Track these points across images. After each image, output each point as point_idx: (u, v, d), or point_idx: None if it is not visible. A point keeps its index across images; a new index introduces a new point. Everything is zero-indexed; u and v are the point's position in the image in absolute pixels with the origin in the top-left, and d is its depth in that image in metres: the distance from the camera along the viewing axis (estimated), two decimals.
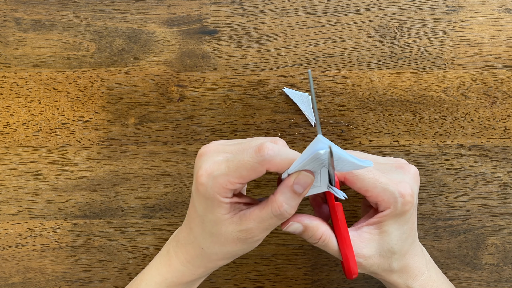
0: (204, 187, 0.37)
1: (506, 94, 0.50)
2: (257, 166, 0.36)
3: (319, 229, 0.40)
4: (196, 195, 0.38)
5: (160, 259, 0.43)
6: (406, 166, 0.42)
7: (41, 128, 0.50)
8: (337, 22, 0.50)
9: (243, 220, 0.38)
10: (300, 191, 0.37)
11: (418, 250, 0.43)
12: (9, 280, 0.50)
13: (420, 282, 0.42)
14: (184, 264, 0.42)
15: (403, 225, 0.40)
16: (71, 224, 0.50)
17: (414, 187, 0.41)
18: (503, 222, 0.50)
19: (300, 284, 0.51)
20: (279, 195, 0.37)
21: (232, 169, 0.36)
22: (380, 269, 0.41)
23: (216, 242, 0.39)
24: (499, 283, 0.50)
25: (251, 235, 0.39)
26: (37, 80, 0.50)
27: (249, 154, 0.36)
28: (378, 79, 0.50)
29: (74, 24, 0.50)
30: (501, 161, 0.50)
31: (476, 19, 0.50)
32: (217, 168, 0.37)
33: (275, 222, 0.38)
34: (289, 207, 0.38)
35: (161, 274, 0.43)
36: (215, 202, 0.37)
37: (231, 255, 0.41)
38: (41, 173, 0.50)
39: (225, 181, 0.36)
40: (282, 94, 0.50)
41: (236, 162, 0.37)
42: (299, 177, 0.37)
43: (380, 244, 0.40)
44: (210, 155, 0.39)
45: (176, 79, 0.50)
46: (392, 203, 0.39)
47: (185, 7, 0.50)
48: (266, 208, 0.38)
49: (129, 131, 0.50)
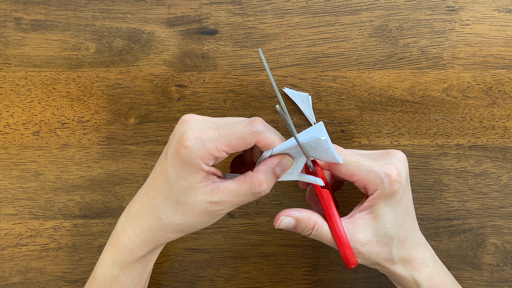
0: (188, 150, 0.36)
1: (506, 94, 0.50)
2: (248, 136, 0.37)
3: (310, 219, 0.40)
4: (173, 158, 0.37)
5: (110, 240, 0.42)
6: (392, 152, 0.42)
7: (41, 128, 0.50)
8: (337, 22, 0.50)
9: (216, 192, 0.38)
10: (279, 173, 0.38)
11: (421, 240, 0.43)
12: (9, 280, 0.50)
13: (426, 275, 0.41)
14: (132, 240, 0.40)
15: (395, 208, 0.40)
16: (71, 224, 0.50)
17: (401, 169, 0.41)
18: (503, 222, 0.50)
19: (300, 284, 0.51)
20: (261, 174, 0.38)
21: (222, 136, 0.36)
22: (381, 258, 0.41)
23: (180, 211, 0.38)
24: (499, 283, 0.50)
25: (220, 208, 0.38)
26: (37, 80, 0.50)
27: (242, 124, 0.37)
28: (378, 79, 0.50)
29: (74, 24, 0.50)
30: (501, 161, 0.50)
31: (476, 19, 0.50)
32: (206, 133, 0.37)
33: (248, 199, 0.38)
34: (268, 186, 0.38)
35: (111, 255, 0.41)
36: (194, 168, 0.37)
37: (189, 227, 0.39)
38: (41, 173, 0.50)
39: (212, 146, 0.36)
40: (282, 94, 0.50)
41: (227, 130, 0.37)
42: (283, 160, 0.38)
43: (375, 229, 0.40)
44: (196, 122, 0.38)
45: (176, 79, 0.50)
46: (379, 184, 0.39)
47: (185, 7, 0.50)
48: (244, 184, 0.38)
49: (129, 131, 0.50)
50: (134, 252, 0.40)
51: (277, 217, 0.40)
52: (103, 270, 0.41)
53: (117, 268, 0.41)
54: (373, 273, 0.50)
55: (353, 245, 0.40)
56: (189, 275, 0.51)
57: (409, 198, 0.42)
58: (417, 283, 0.41)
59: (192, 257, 0.51)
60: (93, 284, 0.42)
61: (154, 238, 0.40)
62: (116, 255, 0.41)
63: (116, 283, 0.41)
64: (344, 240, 0.40)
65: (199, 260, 0.51)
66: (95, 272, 0.42)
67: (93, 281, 0.42)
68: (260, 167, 0.38)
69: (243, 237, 0.51)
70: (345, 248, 0.40)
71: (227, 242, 0.51)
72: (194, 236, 0.50)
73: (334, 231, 0.40)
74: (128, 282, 0.41)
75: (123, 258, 0.40)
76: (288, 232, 0.51)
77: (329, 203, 0.40)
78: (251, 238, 0.51)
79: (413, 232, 0.42)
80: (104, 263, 0.41)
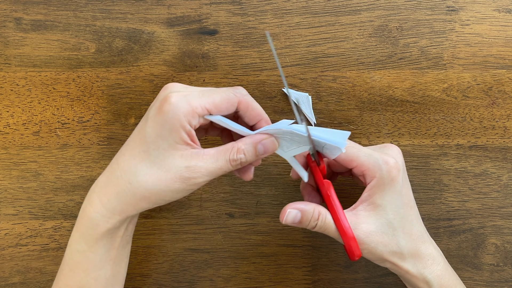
0: (172, 106, 0.36)
1: (506, 94, 0.50)
2: (231, 96, 0.37)
3: (315, 210, 0.40)
4: (154, 117, 0.36)
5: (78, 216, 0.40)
6: (388, 145, 0.43)
7: (41, 128, 0.50)
8: (337, 22, 0.50)
9: (194, 157, 0.37)
10: (260, 152, 0.38)
11: (428, 238, 0.42)
12: (9, 280, 0.50)
13: (437, 273, 0.41)
14: (97, 210, 0.38)
15: (396, 198, 0.40)
16: (71, 224, 0.50)
17: (398, 158, 0.41)
18: (503, 222, 0.50)
19: (300, 284, 0.51)
20: (242, 144, 0.38)
21: (206, 95, 0.37)
22: (389, 251, 0.40)
23: (153, 175, 0.36)
24: (499, 283, 0.50)
25: (196, 175, 0.37)
26: (37, 80, 0.50)
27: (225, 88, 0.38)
28: (378, 79, 0.50)
29: (74, 24, 0.50)
30: (501, 161, 0.50)
31: (476, 19, 0.50)
32: (190, 92, 0.37)
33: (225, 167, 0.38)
34: (245, 158, 0.38)
35: (78, 230, 0.39)
36: (175, 126, 0.36)
37: (159, 196, 0.37)
38: (41, 173, 0.50)
39: (196, 103, 0.36)
40: (282, 94, 0.50)
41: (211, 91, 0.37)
42: (267, 141, 0.38)
43: (378, 219, 0.40)
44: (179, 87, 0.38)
45: (176, 79, 0.50)
46: (377, 171, 0.40)
47: (185, 7, 0.50)
48: (223, 151, 0.38)
49: (129, 131, 0.50)
50: (99, 225, 0.38)
51: (283, 211, 0.40)
52: (70, 247, 0.40)
53: (84, 244, 0.39)
54: (373, 273, 0.50)
55: (357, 235, 0.39)
56: (189, 275, 0.51)
57: (409, 192, 0.42)
58: (427, 282, 0.41)
59: (192, 257, 0.51)
60: (63, 263, 0.41)
61: (120, 207, 0.38)
62: (82, 228, 0.39)
63: (84, 261, 0.40)
64: (348, 230, 0.39)
65: (199, 260, 0.51)
66: (66, 250, 0.41)
67: (63, 260, 0.41)
68: (243, 139, 0.38)
69: (243, 237, 0.51)
70: (349, 239, 0.39)
71: (227, 242, 0.51)
72: (194, 236, 0.51)
73: (338, 222, 0.40)
74: (96, 259, 0.40)
75: (89, 232, 0.39)
76: (288, 232, 0.51)
77: (331, 194, 0.40)
78: (251, 238, 0.51)
79: (419, 227, 0.42)
80: (72, 239, 0.40)
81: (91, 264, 0.40)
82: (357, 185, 0.50)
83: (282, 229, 0.51)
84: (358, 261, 0.50)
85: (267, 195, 0.50)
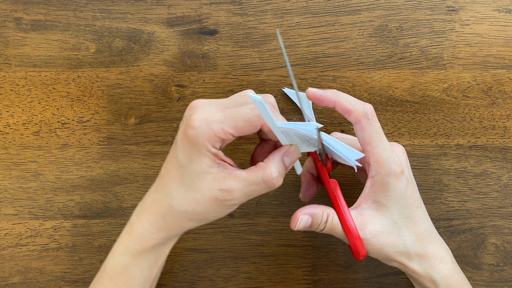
0: (195, 131, 0.36)
1: (506, 94, 0.50)
2: (255, 120, 0.37)
3: (324, 212, 0.40)
4: (182, 142, 0.37)
5: (124, 229, 0.41)
6: (393, 144, 0.43)
7: (41, 128, 0.50)
8: (337, 22, 0.50)
9: (227, 179, 0.37)
10: (287, 163, 0.39)
11: (437, 237, 0.42)
12: (9, 280, 0.50)
13: (444, 273, 0.41)
14: (145, 227, 0.40)
15: (400, 199, 0.40)
16: (71, 224, 0.50)
17: (402, 158, 0.41)
18: (503, 222, 0.50)
19: (300, 284, 0.51)
20: (272, 163, 0.38)
21: (228, 118, 0.36)
22: (396, 252, 0.40)
23: (191, 198, 0.38)
24: (499, 283, 0.50)
25: (230, 197, 0.37)
26: (37, 80, 0.50)
27: (249, 107, 0.37)
28: (378, 79, 0.50)
29: (74, 24, 0.50)
30: (501, 161, 0.50)
31: (476, 19, 0.50)
32: (213, 115, 0.37)
33: (260, 189, 0.38)
34: (279, 175, 0.38)
35: (123, 243, 0.41)
36: (202, 150, 0.36)
37: (200, 217, 0.39)
38: (41, 173, 0.50)
39: (218, 128, 0.36)
40: (282, 94, 0.50)
41: (234, 112, 0.37)
42: (290, 150, 0.39)
43: (383, 219, 0.40)
44: (204, 105, 0.38)
45: (176, 79, 0.50)
46: (385, 168, 0.39)
47: (185, 7, 0.50)
48: (256, 172, 0.38)
49: (129, 131, 0.50)
50: (147, 240, 0.40)
51: (295, 218, 0.40)
52: (114, 259, 0.41)
53: (128, 256, 0.40)
54: (373, 273, 0.50)
55: (363, 236, 0.39)
56: (189, 275, 0.51)
57: (415, 192, 0.42)
58: (434, 282, 0.41)
59: (192, 257, 0.51)
60: (103, 273, 0.42)
61: (167, 226, 0.39)
62: (129, 242, 0.40)
63: (126, 273, 0.41)
64: (353, 230, 0.39)
65: (199, 260, 0.51)
66: (106, 261, 0.42)
67: (104, 270, 0.42)
68: (270, 156, 0.39)
69: (243, 237, 0.51)
70: (354, 239, 0.39)
71: (227, 242, 0.51)
72: (194, 236, 0.50)
73: (344, 222, 0.40)
74: (138, 274, 0.41)
75: (135, 246, 0.40)
76: (288, 232, 0.51)
77: (337, 193, 0.41)
78: (251, 238, 0.51)
79: (426, 226, 0.42)
80: (115, 252, 0.41)
81: (132, 277, 0.41)
82: (358, 185, 0.50)
83: (282, 229, 0.51)
84: (358, 261, 0.50)
85: (267, 195, 0.50)
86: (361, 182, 0.46)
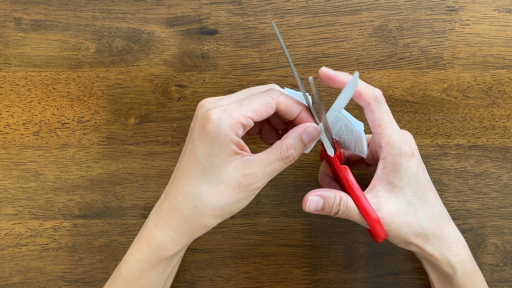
0: (215, 123, 0.37)
1: (506, 94, 0.50)
2: (270, 100, 0.38)
3: (337, 195, 0.40)
4: (200, 138, 0.38)
5: (139, 236, 0.41)
6: (403, 130, 0.43)
7: (41, 128, 0.50)
8: (337, 22, 0.50)
9: (247, 165, 0.38)
10: (306, 141, 0.39)
11: (451, 221, 0.42)
12: (9, 280, 0.50)
13: (461, 256, 0.41)
14: (166, 234, 0.39)
15: (412, 180, 0.40)
16: (71, 224, 0.50)
17: (412, 143, 0.42)
18: (503, 222, 0.50)
19: (300, 284, 0.51)
20: (289, 139, 0.39)
21: (245, 104, 0.37)
22: (413, 233, 0.40)
23: (215, 192, 0.38)
24: (499, 283, 0.50)
25: (254, 180, 0.38)
26: (37, 80, 0.50)
27: (259, 92, 0.39)
28: (378, 79, 0.50)
29: (74, 24, 0.50)
30: (501, 161, 0.50)
31: (476, 19, 0.50)
32: (229, 106, 0.37)
33: (279, 166, 0.39)
34: (295, 152, 0.39)
35: (142, 251, 0.40)
36: (224, 141, 0.37)
37: (226, 210, 0.39)
38: (41, 173, 0.50)
39: (238, 114, 0.37)
40: None
41: (248, 99, 0.38)
42: (310, 128, 0.39)
43: (398, 200, 0.40)
44: (215, 101, 0.39)
45: (176, 79, 0.50)
46: (397, 148, 0.40)
47: (185, 7, 0.50)
48: (273, 151, 0.38)
49: (129, 131, 0.50)
50: (168, 248, 0.40)
51: (305, 199, 0.40)
52: (131, 265, 0.41)
53: (146, 263, 0.40)
54: (373, 273, 0.50)
55: (380, 218, 0.39)
56: (189, 275, 0.51)
57: (426, 174, 0.42)
58: (451, 266, 0.41)
59: (192, 257, 0.51)
60: (119, 278, 0.42)
61: (190, 229, 0.39)
62: (148, 250, 0.40)
63: (143, 278, 0.41)
64: (371, 212, 0.39)
65: (199, 260, 0.51)
66: (121, 266, 0.42)
67: (119, 275, 0.42)
68: (288, 133, 0.39)
69: (243, 237, 0.51)
70: (373, 221, 0.39)
71: (227, 242, 0.51)
72: None
73: (360, 205, 0.40)
74: (155, 277, 0.41)
75: (155, 254, 0.40)
76: (288, 232, 0.51)
77: (349, 177, 0.40)
78: (251, 238, 0.51)
79: (440, 208, 0.42)
80: (132, 258, 0.41)
81: (149, 281, 0.41)
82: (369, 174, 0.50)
83: (282, 229, 0.51)
84: (358, 261, 0.50)
85: (267, 195, 0.50)
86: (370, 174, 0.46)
